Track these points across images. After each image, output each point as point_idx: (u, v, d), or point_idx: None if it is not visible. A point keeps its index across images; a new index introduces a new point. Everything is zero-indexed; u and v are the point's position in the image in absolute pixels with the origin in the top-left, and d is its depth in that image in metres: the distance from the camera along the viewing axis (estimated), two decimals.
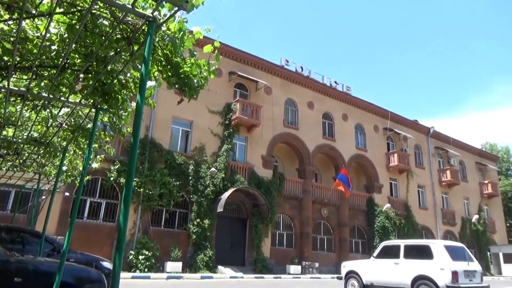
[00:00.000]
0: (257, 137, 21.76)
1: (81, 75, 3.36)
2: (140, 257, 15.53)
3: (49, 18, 2.59)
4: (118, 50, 2.91)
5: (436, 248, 9.32)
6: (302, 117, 24.49)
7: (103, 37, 2.77)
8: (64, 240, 4.85)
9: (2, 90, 3.70)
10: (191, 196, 18.20)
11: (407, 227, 27.10)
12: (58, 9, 2.58)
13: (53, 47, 3.00)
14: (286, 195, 22.23)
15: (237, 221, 20.21)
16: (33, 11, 2.63)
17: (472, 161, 36.59)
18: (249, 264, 19.22)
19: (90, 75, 3.38)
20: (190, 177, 18.34)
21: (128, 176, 2.43)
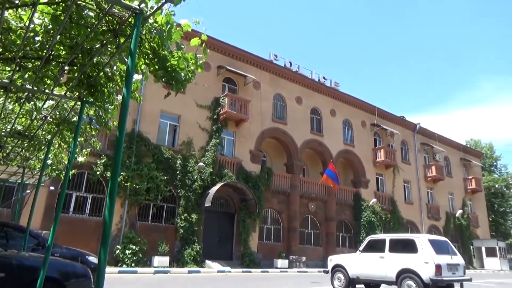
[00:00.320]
0: (246, 132, 21.75)
1: (66, 67, 3.29)
2: (127, 251, 15.45)
3: (32, 9, 2.54)
4: (104, 42, 2.86)
5: (420, 242, 9.48)
6: (290, 112, 24.55)
7: (89, 29, 2.72)
8: (48, 234, 4.78)
9: None
10: (179, 190, 18.13)
11: (393, 222, 27.53)
12: None
13: (37, 38, 2.93)
14: (274, 189, 22.33)
15: (225, 216, 20.23)
16: (16, 1, 2.57)
17: (457, 157, 37.23)
18: (237, 259, 19.29)
19: (75, 68, 3.31)
20: (178, 172, 18.27)
21: (113, 170, 2.41)
